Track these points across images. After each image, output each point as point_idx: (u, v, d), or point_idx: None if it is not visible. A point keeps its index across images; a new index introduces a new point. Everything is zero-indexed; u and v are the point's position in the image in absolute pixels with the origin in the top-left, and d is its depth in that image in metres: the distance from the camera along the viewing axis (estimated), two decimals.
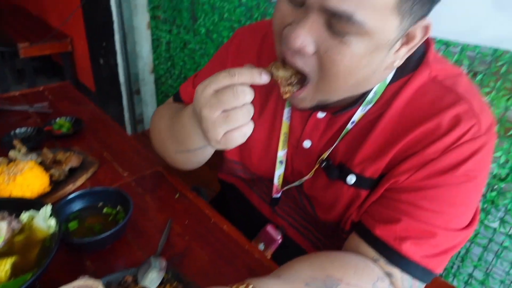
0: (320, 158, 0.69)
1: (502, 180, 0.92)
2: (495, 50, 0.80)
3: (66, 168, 0.87)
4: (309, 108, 0.62)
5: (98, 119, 1.18)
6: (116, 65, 2.33)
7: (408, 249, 0.58)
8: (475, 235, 1.03)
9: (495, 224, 0.98)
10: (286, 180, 0.78)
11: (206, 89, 0.54)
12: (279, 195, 0.81)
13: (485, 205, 0.97)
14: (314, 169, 0.70)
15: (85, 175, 0.89)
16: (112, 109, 2.67)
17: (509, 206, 0.93)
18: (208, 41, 1.70)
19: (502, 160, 0.89)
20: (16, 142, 0.90)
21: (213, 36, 1.66)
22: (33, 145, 0.97)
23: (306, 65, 0.54)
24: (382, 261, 0.60)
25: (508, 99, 0.83)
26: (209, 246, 0.74)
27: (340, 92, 0.58)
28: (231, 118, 0.53)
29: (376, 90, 0.63)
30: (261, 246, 0.83)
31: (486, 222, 0.99)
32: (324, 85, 0.56)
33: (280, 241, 0.82)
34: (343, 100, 0.62)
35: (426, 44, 0.64)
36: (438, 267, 0.60)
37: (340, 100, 0.61)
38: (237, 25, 1.50)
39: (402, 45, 0.55)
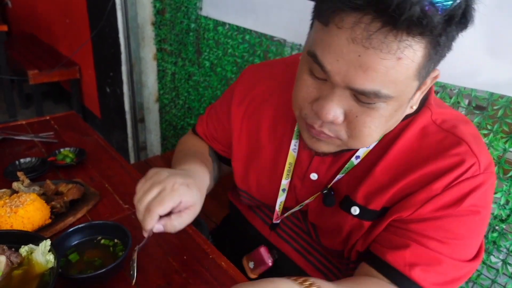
0: (324, 187, 0.73)
1: (503, 221, 0.91)
2: (491, 94, 0.82)
3: (68, 200, 0.88)
4: (329, 153, 0.69)
5: (102, 150, 1.20)
6: (122, 94, 2.38)
7: (418, 275, 0.61)
8: (478, 276, 1.01)
9: (498, 265, 0.97)
10: (286, 207, 0.82)
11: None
12: (279, 221, 0.85)
13: (487, 246, 0.96)
14: (316, 195, 0.75)
15: (86, 207, 0.90)
16: (117, 136, 2.71)
17: (511, 248, 0.92)
18: (212, 74, 1.75)
19: (503, 201, 0.89)
20: (20, 174, 0.91)
21: (217, 69, 1.70)
22: (37, 175, 0.99)
23: (334, 131, 0.59)
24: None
25: (506, 142, 0.84)
26: (206, 284, 0.73)
27: (365, 144, 0.63)
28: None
29: None
30: (251, 265, 0.85)
31: (488, 263, 0.97)
32: (353, 142, 0.61)
33: (270, 265, 0.84)
34: None
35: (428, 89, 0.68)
36: None
37: None
38: (240, 60, 1.55)
39: (416, 91, 0.59)
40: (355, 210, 0.69)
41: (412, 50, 0.49)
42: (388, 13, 0.45)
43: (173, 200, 0.65)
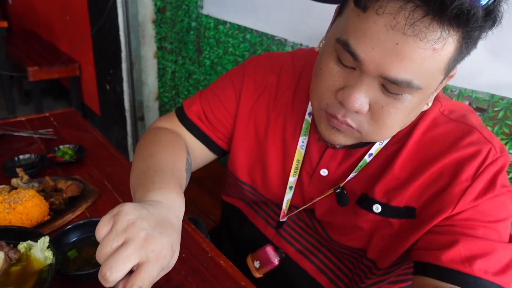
0: (336, 186, 0.72)
1: None
2: (492, 96, 0.82)
3: (67, 197, 0.88)
4: (345, 146, 0.69)
5: (101, 147, 1.19)
6: (122, 91, 2.38)
7: (479, 269, 0.57)
8: None
9: None
10: (292, 205, 0.81)
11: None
12: (285, 219, 0.84)
13: None
14: (327, 193, 0.74)
15: (85, 204, 0.90)
16: (116, 134, 2.70)
17: None
18: (213, 73, 1.75)
19: None
20: (19, 170, 0.91)
21: (217, 68, 1.70)
22: (36, 172, 0.98)
23: (357, 121, 0.58)
24: None
25: (506, 143, 0.84)
26: (205, 283, 0.73)
27: (385, 137, 0.63)
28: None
29: None
30: (257, 264, 0.84)
31: None
32: (374, 134, 0.60)
33: (276, 264, 0.83)
34: None
35: None
36: (509, 284, 0.59)
37: None
38: (241, 59, 1.55)
39: (438, 86, 0.60)
40: (377, 208, 0.68)
41: (451, 41, 0.49)
42: (437, 1, 0.45)
43: (157, 272, 0.50)
